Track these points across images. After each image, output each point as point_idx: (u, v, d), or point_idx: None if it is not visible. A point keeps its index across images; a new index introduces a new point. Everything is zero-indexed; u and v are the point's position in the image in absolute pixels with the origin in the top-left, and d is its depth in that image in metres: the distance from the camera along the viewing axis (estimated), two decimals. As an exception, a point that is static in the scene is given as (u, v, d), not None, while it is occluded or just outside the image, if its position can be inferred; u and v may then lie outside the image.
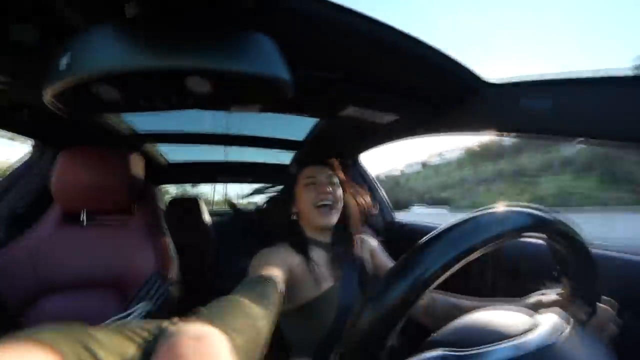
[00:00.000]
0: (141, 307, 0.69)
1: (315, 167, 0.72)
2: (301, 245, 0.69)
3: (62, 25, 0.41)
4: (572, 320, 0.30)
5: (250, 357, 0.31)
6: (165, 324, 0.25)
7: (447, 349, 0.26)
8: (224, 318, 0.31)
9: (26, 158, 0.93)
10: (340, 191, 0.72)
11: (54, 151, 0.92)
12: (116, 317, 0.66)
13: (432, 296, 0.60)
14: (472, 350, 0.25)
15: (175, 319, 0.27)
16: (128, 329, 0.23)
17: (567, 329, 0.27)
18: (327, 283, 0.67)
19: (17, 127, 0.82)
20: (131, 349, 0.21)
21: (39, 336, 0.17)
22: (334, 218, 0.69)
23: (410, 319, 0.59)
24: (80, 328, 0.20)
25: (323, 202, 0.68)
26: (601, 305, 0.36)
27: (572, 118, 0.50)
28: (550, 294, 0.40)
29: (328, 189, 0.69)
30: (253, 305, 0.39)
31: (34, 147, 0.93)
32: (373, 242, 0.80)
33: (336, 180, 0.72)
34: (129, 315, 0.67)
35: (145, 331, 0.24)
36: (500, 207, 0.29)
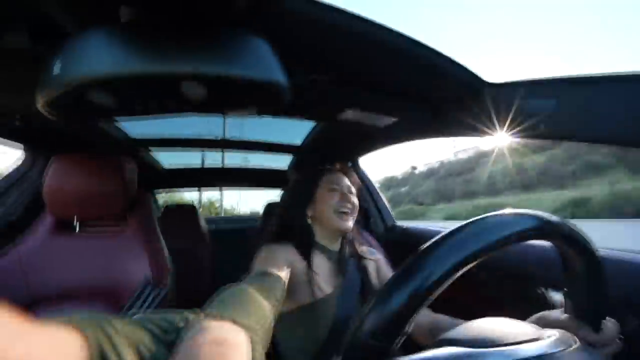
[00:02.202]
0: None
1: (338, 174, 0.75)
2: (307, 249, 0.69)
3: (55, 30, 0.41)
4: (576, 337, 0.30)
5: (264, 349, 0.32)
6: (186, 317, 0.26)
7: (459, 347, 0.26)
8: (244, 315, 0.32)
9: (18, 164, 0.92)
10: (356, 199, 0.74)
11: (46, 157, 0.91)
12: None
13: (436, 317, 0.60)
14: (484, 349, 0.25)
15: (198, 312, 0.28)
16: (146, 320, 0.25)
17: (572, 345, 0.27)
18: (326, 290, 0.66)
19: (8, 134, 0.81)
20: (147, 339, 0.23)
21: (66, 320, 0.20)
22: (351, 224, 0.71)
23: (416, 343, 0.57)
24: (102, 317, 0.22)
25: (344, 209, 0.70)
26: (607, 321, 0.35)
27: (579, 119, 0.49)
28: (553, 314, 0.40)
29: (351, 198, 0.71)
30: (264, 299, 0.40)
31: (25, 153, 0.91)
32: (378, 255, 0.82)
33: (354, 189, 0.75)
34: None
35: (166, 322, 0.25)
36: (506, 211, 0.29)
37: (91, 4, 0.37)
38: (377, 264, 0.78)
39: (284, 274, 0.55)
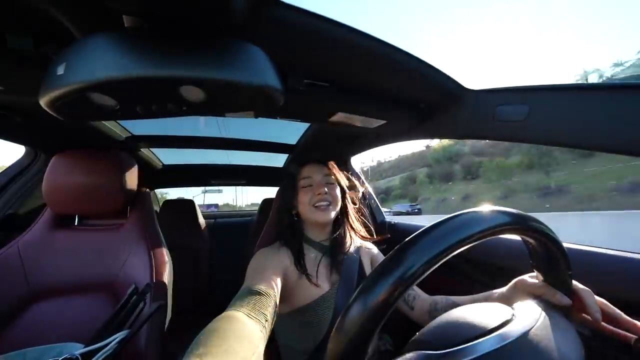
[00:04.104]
0: (135, 312, 0.69)
1: (312, 167, 0.73)
2: (298, 247, 0.68)
3: (59, 33, 0.42)
4: (546, 307, 0.31)
5: None
6: None
7: (427, 350, 0.27)
8: (231, 351, 0.31)
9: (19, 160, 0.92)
10: (337, 190, 0.72)
11: (47, 154, 0.92)
12: (108, 320, 0.65)
13: (433, 299, 0.60)
14: (449, 349, 0.26)
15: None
16: None
17: (542, 317, 0.29)
18: (324, 287, 0.65)
19: (9, 134, 0.81)
20: None
21: None
22: (332, 214, 0.69)
23: (415, 324, 0.60)
24: None
25: (319, 202, 0.68)
26: (579, 286, 0.37)
27: (546, 125, 0.52)
28: (529, 281, 0.41)
29: (324, 189, 0.69)
30: (255, 323, 0.40)
31: (27, 150, 0.92)
32: (374, 249, 0.80)
33: (333, 179, 0.73)
34: (122, 319, 0.67)
35: None
36: (479, 208, 0.30)
37: (97, 11, 0.39)
38: (372, 258, 0.77)
39: (275, 285, 0.53)
